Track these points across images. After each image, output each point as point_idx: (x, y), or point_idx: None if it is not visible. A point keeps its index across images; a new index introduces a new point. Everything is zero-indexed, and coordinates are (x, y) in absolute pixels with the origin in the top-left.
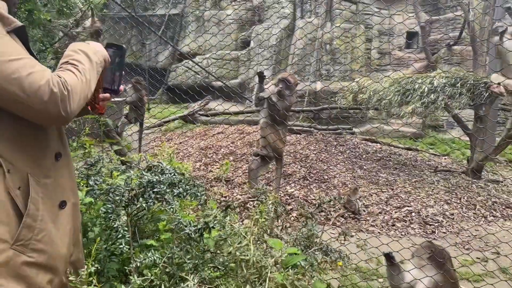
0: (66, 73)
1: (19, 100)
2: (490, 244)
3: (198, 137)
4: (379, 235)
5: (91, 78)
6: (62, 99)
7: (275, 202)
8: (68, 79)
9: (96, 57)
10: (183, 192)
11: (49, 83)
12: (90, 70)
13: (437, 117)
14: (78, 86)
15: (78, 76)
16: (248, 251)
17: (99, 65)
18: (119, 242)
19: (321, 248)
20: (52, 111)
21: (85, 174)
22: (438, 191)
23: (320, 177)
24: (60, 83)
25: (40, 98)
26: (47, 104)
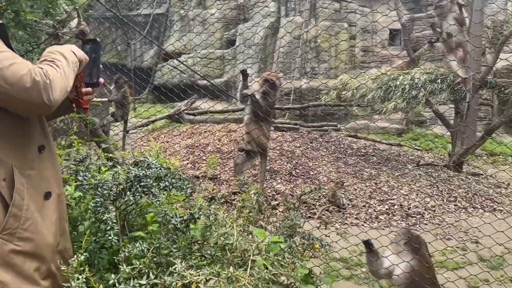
0: (46, 66)
1: (3, 90)
2: (470, 234)
3: (184, 135)
4: (363, 228)
5: (68, 74)
6: (44, 87)
7: (257, 193)
8: (48, 70)
9: (72, 57)
10: (169, 186)
11: (31, 73)
12: (67, 67)
13: (419, 113)
14: (58, 78)
15: (57, 70)
16: (232, 236)
17: (74, 64)
18: (108, 234)
19: (303, 237)
20: (36, 99)
21: (74, 170)
22: (420, 184)
23: (306, 173)
24: (42, 73)
25: (23, 86)
26: (30, 92)
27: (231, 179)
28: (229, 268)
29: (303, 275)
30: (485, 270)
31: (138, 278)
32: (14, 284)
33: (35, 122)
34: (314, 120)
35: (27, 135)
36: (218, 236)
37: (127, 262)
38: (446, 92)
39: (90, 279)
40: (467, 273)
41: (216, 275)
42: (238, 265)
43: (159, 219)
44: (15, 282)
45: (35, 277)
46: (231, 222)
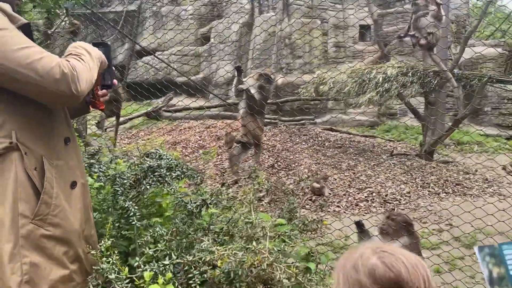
0: (72, 59)
1: (34, 82)
2: (443, 217)
3: (165, 132)
4: (345, 215)
5: (93, 67)
6: (72, 78)
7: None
8: (75, 63)
9: (95, 52)
10: (180, 175)
11: (60, 65)
12: (91, 61)
13: (391, 105)
14: (84, 70)
15: (82, 63)
16: (250, 215)
17: (98, 59)
18: (132, 219)
19: (301, 220)
20: (64, 90)
21: (88, 163)
22: (395, 173)
23: (287, 165)
24: (69, 65)
25: (53, 78)
26: (59, 83)
27: (217, 175)
28: (252, 242)
29: (304, 254)
30: (459, 248)
31: (161, 259)
32: (46, 266)
33: (60, 116)
34: (291, 114)
35: (54, 128)
36: (239, 215)
37: (147, 246)
38: (417, 85)
39: (117, 263)
40: (444, 252)
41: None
42: (258, 240)
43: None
44: (47, 264)
45: (64, 260)
46: (249, 203)
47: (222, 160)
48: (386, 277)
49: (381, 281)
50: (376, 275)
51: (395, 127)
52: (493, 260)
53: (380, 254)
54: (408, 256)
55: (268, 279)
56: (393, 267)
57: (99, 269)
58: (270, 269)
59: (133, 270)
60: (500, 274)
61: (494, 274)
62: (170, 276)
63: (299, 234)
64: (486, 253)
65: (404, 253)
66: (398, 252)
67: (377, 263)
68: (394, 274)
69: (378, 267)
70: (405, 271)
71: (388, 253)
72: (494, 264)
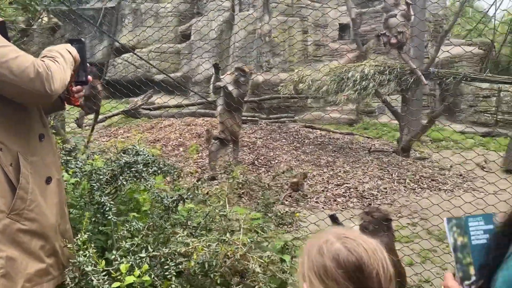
0: (46, 60)
1: (9, 81)
2: (418, 212)
3: (145, 130)
4: (324, 210)
5: (66, 69)
6: (46, 78)
7: (243, 172)
8: (49, 63)
9: (68, 56)
10: (157, 170)
11: (34, 64)
12: (64, 63)
13: (369, 103)
14: (57, 71)
15: (56, 64)
16: (225, 208)
17: (71, 62)
18: (107, 214)
19: (276, 214)
20: (39, 89)
21: (64, 160)
22: (373, 169)
23: (267, 163)
24: (44, 65)
25: (28, 77)
26: (33, 82)
27: (196, 172)
28: (226, 234)
29: (280, 247)
30: (432, 242)
31: (137, 252)
32: (22, 260)
33: (34, 114)
34: (271, 112)
35: (28, 124)
36: (214, 208)
37: (124, 240)
38: (394, 83)
39: (94, 256)
40: (418, 246)
41: (215, 241)
42: (232, 232)
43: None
44: (23, 258)
45: (40, 254)
46: (223, 197)
47: (203, 157)
48: (349, 261)
49: (344, 265)
50: (340, 260)
51: (374, 125)
52: (458, 230)
53: (343, 240)
54: (368, 242)
55: (243, 270)
56: (355, 251)
57: (76, 262)
58: (244, 260)
59: (110, 264)
60: (463, 242)
61: (458, 242)
62: (146, 268)
63: (273, 226)
64: (453, 223)
65: (364, 239)
66: (359, 237)
67: (340, 248)
68: (356, 258)
69: (342, 252)
70: (366, 255)
71: (350, 239)
72: (458, 234)
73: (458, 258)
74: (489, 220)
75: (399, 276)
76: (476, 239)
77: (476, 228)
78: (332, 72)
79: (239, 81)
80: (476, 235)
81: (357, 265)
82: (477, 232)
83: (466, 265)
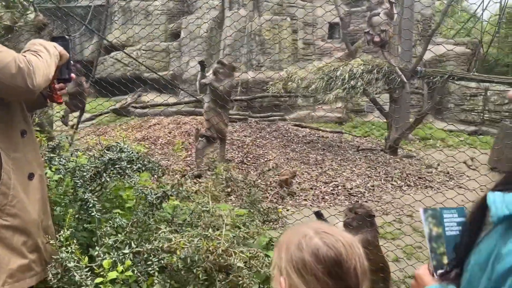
0: (29, 55)
1: None
2: (405, 209)
3: (133, 129)
4: (312, 207)
5: (50, 63)
6: (28, 73)
7: (227, 169)
8: (31, 58)
9: (53, 49)
10: (141, 167)
11: (16, 60)
12: (48, 57)
13: (358, 102)
14: (40, 65)
15: (39, 59)
16: (208, 204)
17: (56, 56)
18: (91, 211)
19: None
20: (20, 84)
21: (48, 156)
22: (361, 167)
23: (256, 161)
24: (26, 60)
25: (9, 72)
26: (15, 77)
27: (185, 169)
28: (208, 229)
29: (265, 243)
30: (418, 239)
31: (121, 248)
32: (4, 256)
33: (16, 109)
34: (261, 111)
35: (10, 121)
36: (197, 204)
37: (107, 236)
38: (382, 82)
39: (76, 252)
40: (403, 243)
41: (197, 236)
42: (216, 228)
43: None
44: (5, 254)
45: (23, 250)
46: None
47: (192, 155)
48: (328, 257)
49: (323, 260)
50: (319, 255)
51: (362, 123)
52: (434, 221)
53: (321, 234)
54: (345, 237)
55: (227, 266)
56: (333, 247)
57: (59, 258)
58: (226, 255)
59: (93, 260)
60: (437, 233)
61: (433, 233)
62: (129, 264)
63: (258, 222)
64: (429, 214)
65: (341, 234)
66: (336, 233)
67: (319, 243)
68: (334, 253)
69: (321, 247)
70: (344, 250)
71: (328, 234)
72: (434, 224)
73: (433, 247)
74: (462, 213)
75: (383, 271)
76: (450, 230)
77: (450, 220)
78: (321, 70)
79: (218, 73)
80: (450, 226)
81: (336, 260)
82: (451, 224)
83: (440, 254)
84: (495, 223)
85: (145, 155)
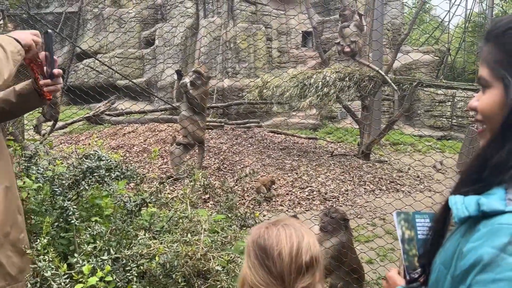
0: None
1: None
2: (377, 212)
3: (108, 137)
4: (288, 213)
5: (7, 62)
6: None
7: (204, 176)
8: None
9: (11, 47)
10: (120, 175)
11: None
12: (3, 55)
13: (331, 108)
14: None
15: None
16: (186, 210)
17: (16, 53)
18: (70, 218)
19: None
20: None
21: (25, 166)
22: (335, 172)
23: (233, 167)
24: None
25: None
26: None
27: (161, 176)
28: (187, 235)
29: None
30: (390, 241)
31: (100, 255)
32: None
33: None
34: (237, 118)
35: None
36: (175, 211)
37: (86, 244)
38: (353, 89)
39: (55, 260)
40: (376, 245)
41: (176, 241)
42: (194, 233)
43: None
44: None
45: None
46: (186, 199)
47: (167, 163)
48: (258, 242)
49: (255, 244)
50: (254, 239)
51: (336, 130)
52: (406, 224)
53: (270, 226)
54: (289, 228)
55: (206, 270)
56: (267, 234)
57: (36, 267)
58: (205, 260)
59: (72, 268)
60: (410, 236)
61: (406, 235)
62: (108, 269)
63: (236, 227)
64: (402, 218)
65: (290, 227)
66: (286, 225)
67: (261, 231)
68: (263, 239)
69: (260, 234)
70: (275, 239)
71: (276, 226)
72: (406, 228)
73: (405, 249)
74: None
75: (357, 273)
76: (422, 234)
77: (422, 224)
78: (295, 78)
79: (195, 82)
80: (422, 230)
81: (262, 245)
82: (423, 228)
83: (412, 256)
84: (457, 224)
85: (123, 163)
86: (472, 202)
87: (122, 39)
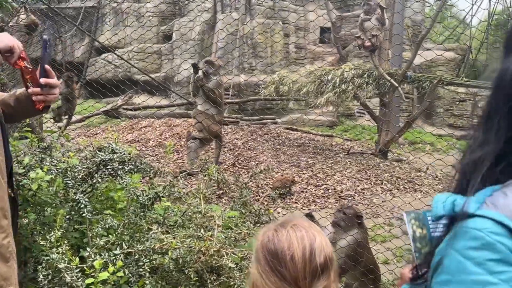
0: None
1: None
2: (394, 212)
3: (124, 131)
4: (303, 210)
5: None
6: None
7: (218, 171)
8: None
9: None
10: (133, 168)
11: None
12: None
13: (349, 106)
14: None
15: None
16: (200, 206)
17: None
18: (82, 211)
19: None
20: None
21: (39, 157)
22: (351, 170)
23: (248, 164)
24: None
25: None
26: None
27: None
28: (200, 230)
29: None
30: (408, 242)
31: (112, 249)
32: None
33: None
34: (253, 114)
35: None
36: (188, 206)
37: (99, 237)
38: (372, 86)
39: (68, 253)
40: (393, 245)
41: (189, 236)
42: (207, 229)
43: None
44: None
45: None
46: (200, 194)
47: (183, 158)
48: (268, 247)
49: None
50: (264, 244)
51: (353, 127)
52: (417, 223)
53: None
54: (300, 229)
55: (219, 267)
56: (277, 238)
57: (49, 259)
58: (218, 256)
59: (84, 261)
60: (422, 234)
61: (417, 234)
62: (120, 264)
63: (249, 223)
64: (412, 217)
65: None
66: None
67: (270, 235)
68: (273, 244)
69: (269, 238)
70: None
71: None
72: (417, 226)
73: (417, 247)
74: None
75: (373, 273)
76: (435, 231)
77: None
78: (312, 74)
79: (207, 72)
80: (434, 227)
81: (273, 250)
82: (434, 226)
83: (425, 254)
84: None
85: (136, 156)
86: (450, 201)
87: (140, 33)
